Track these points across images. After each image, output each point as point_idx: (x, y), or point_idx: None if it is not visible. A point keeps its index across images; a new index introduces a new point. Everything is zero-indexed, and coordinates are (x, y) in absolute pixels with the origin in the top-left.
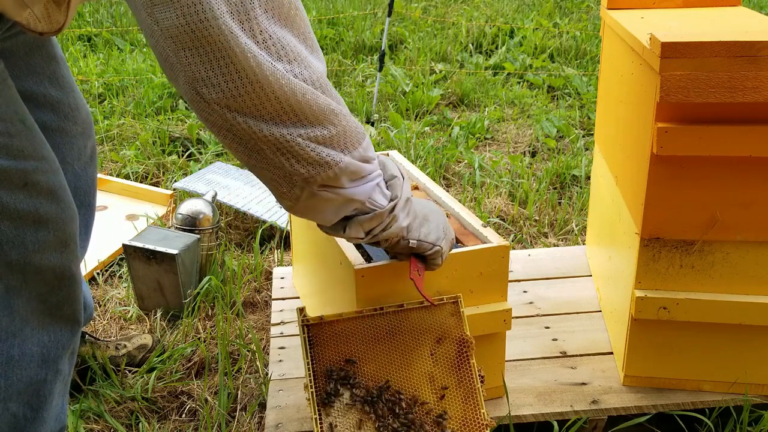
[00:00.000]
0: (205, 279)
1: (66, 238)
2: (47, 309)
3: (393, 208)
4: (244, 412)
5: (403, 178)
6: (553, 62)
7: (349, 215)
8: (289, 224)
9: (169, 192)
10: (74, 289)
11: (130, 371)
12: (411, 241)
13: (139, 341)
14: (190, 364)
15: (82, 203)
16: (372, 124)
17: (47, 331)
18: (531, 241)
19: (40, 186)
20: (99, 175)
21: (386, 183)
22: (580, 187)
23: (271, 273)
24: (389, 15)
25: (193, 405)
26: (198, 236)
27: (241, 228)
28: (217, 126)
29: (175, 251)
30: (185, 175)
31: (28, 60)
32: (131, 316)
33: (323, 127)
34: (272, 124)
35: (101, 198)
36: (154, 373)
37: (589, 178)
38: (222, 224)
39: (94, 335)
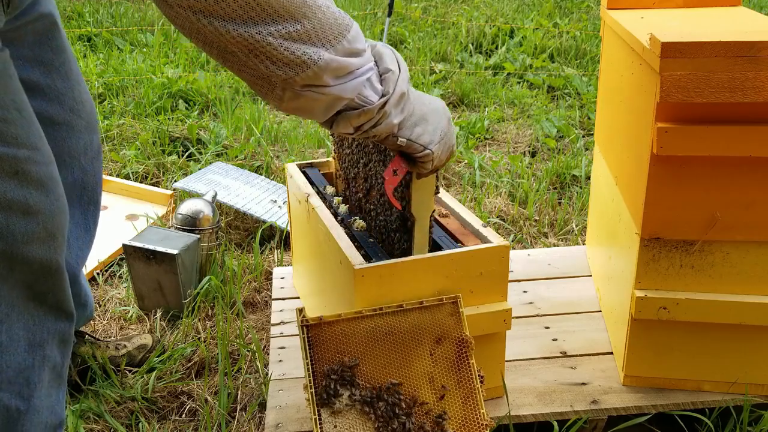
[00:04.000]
0: (205, 279)
1: (54, 231)
2: (33, 296)
3: (384, 104)
4: (244, 412)
5: (400, 71)
6: (553, 62)
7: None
8: (289, 224)
9: (169, 192)
10: (60, 281)
11: (130, 371)
12: (400, 139)
13: (139, 341)
14: (190, 364)
15: (90, 199)
16: None
17: (32, 315)
18: (531, 241)
19: (31, 176)
20: None
21: (380, 77)
22: (580, 187)
23: (271, 273)
24: (389, 15)
25: (193, 405)
26: (198, 236)
27: (241, 228)
28: (186, 29)
29: (175, 251)
30: (185, 175)
31: (37, 51)
32: (131, 316)
33: (296, 21)
34: (240, 24)
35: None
36: (154, 373)
37: (589, 178)
38: (222, 224)
39: (94, 335)
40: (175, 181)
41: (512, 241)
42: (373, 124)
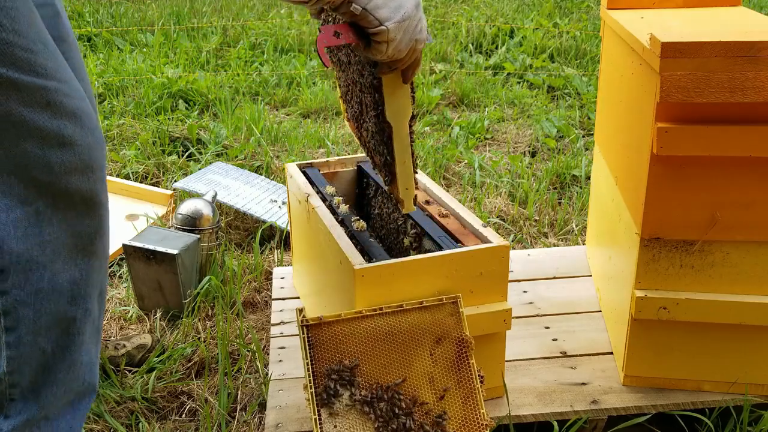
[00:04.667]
0: (205, 279)
1: (92, 163)
2: (78, 243)
3: None
4: (244, 412)
5: None
6: (553, 62)
7: None
8: (289, 224)
9: (169, 192)
10: (102, 219)
11: (129, 371)
12: (354, 5)
13: (138, 341)
14: (190, 364)
15: None
16: None
17: (78, 266)
18: (531, 241)
19: (64, 107)
20: None
21: None
22: (580, 187)
23: (271, 273)
24: None
25: (193, 405)
26: (198, 236)
27: (241, 228)
28: None
29: (175, 251)
30: (185, 175)
31: None
32: (131, 316)
33: None
34: None
35: None
36: (154, 373)
37: (589, 178)
38: (222, 224)
39: None
40: (175, 181)
41: (512, 241)
42: None
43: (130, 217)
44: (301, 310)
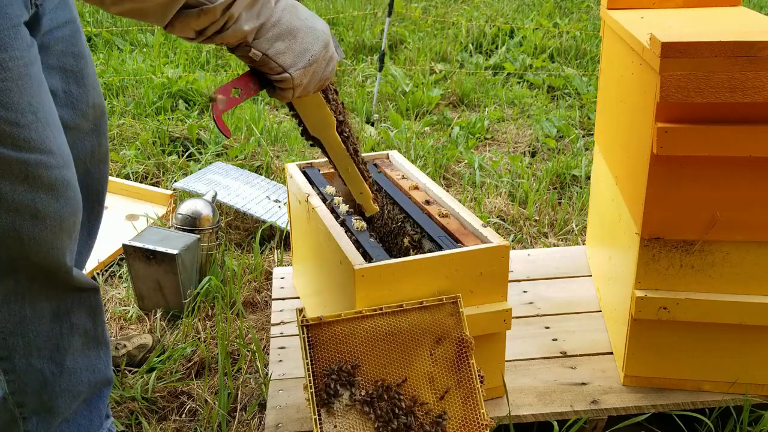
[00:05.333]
0: (205, 279)
1: (61, 234)
2: (48, 279)
3: (229, 5)
4: (244, 412)
5: None
6: (553, 62)
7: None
8: (289, 224)
9: (169, 192)
10: (67, 276)
11: (129, 371)
12: (253, 50)
13: (138, 341)
14: (190, 364)
15: (94, 202)
16: (372, 125)
17: (53, 290)
18: (531, 241)
19: (41, 180)
20: None
21: None
22: (580, 187)
23: (271, 273)
24: (389, 15)
25: (193, 405)
26: (198, 236)
27: (241, 228)
28: None
29: (175, 251)
30: (185, 175)
31: (62, 59)
32: (131, 316)
33: None
34: None
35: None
36: (154, 373)
37: (589, 178)
38: (222, 224)
39: None
40: (175, 181)
41: (512, 241)
42: (218, 29)
43: (130, 217)
44: (301, 310)
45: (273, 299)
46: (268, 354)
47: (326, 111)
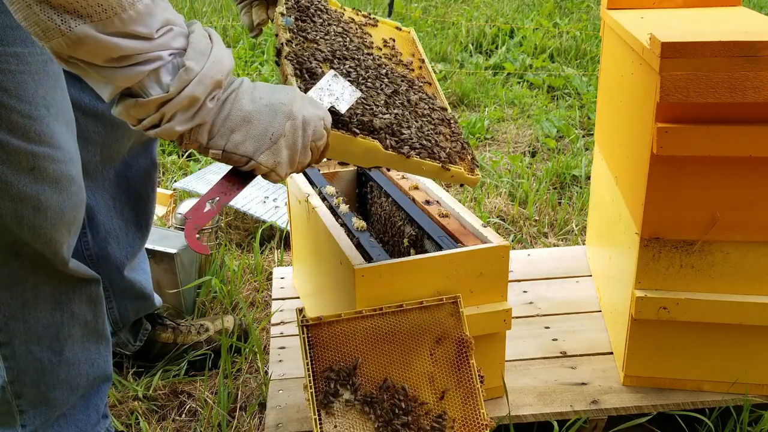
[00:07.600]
0: (205, 278)
1: (61, 227)
2: (50, 267)
3: (164, 102)
4: (244, 412)
5: (203, 70)
6: (553, 62)
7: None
8: (289, 224)
9: (169, 192)
10: (65, 269)
11: (136, 374)
12: (212, 151)
13: (219, 325)
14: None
15: (139, 195)
16: None
17: (55, 277)
18: (531, 241)
19: (47, 173)
20: None
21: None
22: (580, 187)
23: (271, 273)
24: (389, 15)
25: (193, 405)
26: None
27: (241, 228)
28: None
29: (174, 251)
30: (185, 175)
31: None
32: None
33: None
34: None
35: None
36: (158, 374)
37: (589, 178)
38: (222, 224)
39: (176, 321)
40: (175, 181)
41: (512, 241)
42: (155, 123)
43: None
44: (301, 310)
45: (273, 299)
46: (268, 354)
47: (358, 142)
